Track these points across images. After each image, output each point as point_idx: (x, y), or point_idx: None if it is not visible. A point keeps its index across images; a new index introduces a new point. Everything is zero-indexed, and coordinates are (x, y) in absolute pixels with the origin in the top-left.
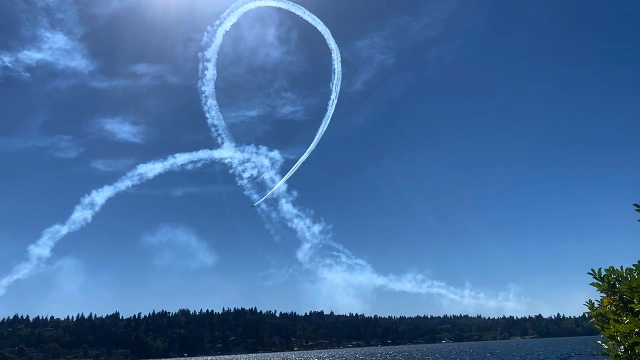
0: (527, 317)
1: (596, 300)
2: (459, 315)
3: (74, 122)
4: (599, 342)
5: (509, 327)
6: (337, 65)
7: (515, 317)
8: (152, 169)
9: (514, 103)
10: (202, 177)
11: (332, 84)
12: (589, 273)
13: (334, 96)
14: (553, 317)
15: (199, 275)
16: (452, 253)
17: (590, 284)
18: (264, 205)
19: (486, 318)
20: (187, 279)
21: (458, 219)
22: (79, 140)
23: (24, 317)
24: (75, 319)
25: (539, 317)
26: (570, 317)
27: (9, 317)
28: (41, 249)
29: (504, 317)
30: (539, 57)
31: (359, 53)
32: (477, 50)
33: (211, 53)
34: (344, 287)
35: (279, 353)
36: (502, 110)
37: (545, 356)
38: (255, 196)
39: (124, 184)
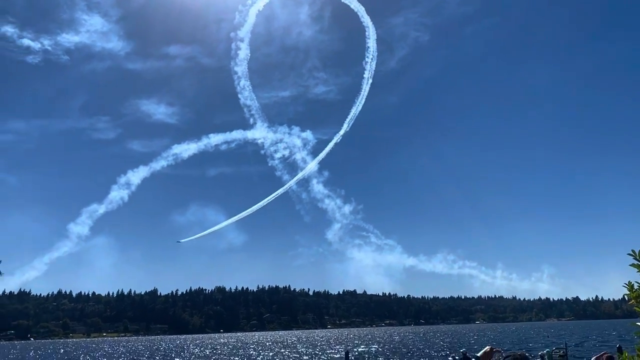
0: (564, 299)
1: (636, 282)
2: (493, 296)
3: (111, 104)
4: (638, 324)
5: (545, 308)
6: (371, 43)
7: (551, 299)
8: (186, 149)
9: (552, 82)
10: (236, 158)
11: (366, 63)
12: (628, 254)
13: (368, 75)
14: (591, 299)
15: (228, 254)
16: (483, 233)
17: (630, 265)
18: (294, 187)
19: (521, 299)
20: (216, 258)
21: (490, 199)
22: (117, 121)
23: (68, 293)
24: (115, 295)
25: (576, 299)
26: (608, 299)
27: (53, 292)
28: (80, 227)
29: (540, 299)
30: (581, 32)
31: (393, 30)
32: (515, 26)
33: (244, 33)
34: (372, 267)
35: (312, 330)
36: (540, 89)
37: (583, 337)
38: (286, 177)
39: (159, 164)
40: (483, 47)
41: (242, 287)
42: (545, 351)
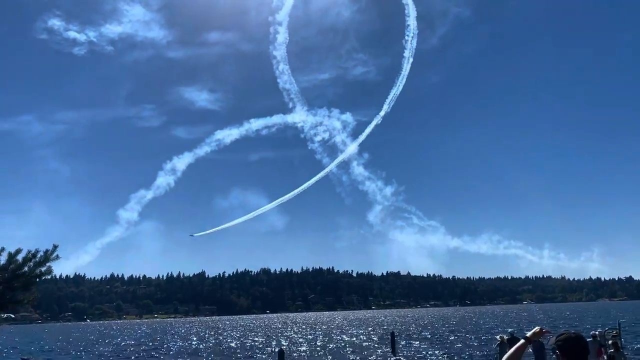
0: (616, 279)
1: None
2: (541, 277)
3: (155, 92)
4: None
5: (596, 288)
6: (411, 21)
7: (602, 279)
8: (228, 134)
9: (605, 54)
10: (276, 142)
11: (406, 42)
12: None
13: (408, 54)
14: None
15: (271, 236)
16: (529, 213)
17: None
18: (335, 170)
19: (570, 279)
20: (260, 240)
21: (535, 177)
22: (161, 109)
23: (120, 276)
24: (165, 278)
25: (629, 278)
26: None
27: (106, 275)
28: (129, 213)
29: (590, 279)
30: (635, 7)
31: (433, 7)
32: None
33: (282, 16)
34: (416, 248)
35: (357, 311)
36: (592, 61)
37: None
38: (325, 159)
39: (203, 150)
40: (528, 21)
41: (287, 269)
42: (597, 331)
